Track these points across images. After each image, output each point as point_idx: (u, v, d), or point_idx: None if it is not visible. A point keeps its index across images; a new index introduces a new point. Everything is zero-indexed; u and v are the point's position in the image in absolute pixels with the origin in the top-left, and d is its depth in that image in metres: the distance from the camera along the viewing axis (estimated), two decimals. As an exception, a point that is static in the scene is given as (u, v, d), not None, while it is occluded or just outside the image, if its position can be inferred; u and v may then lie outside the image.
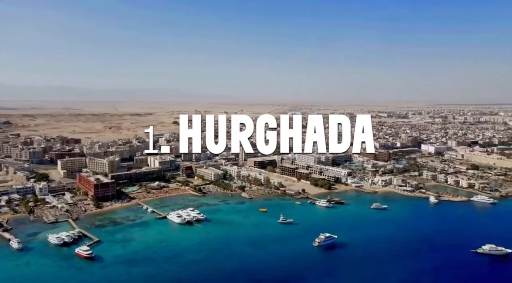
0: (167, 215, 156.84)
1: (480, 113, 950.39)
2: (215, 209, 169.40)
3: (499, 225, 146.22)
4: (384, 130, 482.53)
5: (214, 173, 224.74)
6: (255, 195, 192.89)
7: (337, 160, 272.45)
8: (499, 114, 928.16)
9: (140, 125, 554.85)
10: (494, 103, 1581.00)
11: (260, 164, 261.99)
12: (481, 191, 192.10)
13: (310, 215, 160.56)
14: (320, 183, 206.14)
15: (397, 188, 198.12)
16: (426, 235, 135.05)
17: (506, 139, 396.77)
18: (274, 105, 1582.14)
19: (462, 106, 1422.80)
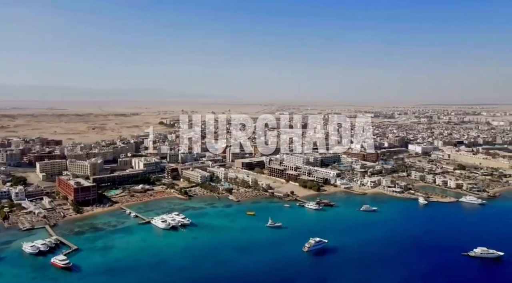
0: (151, 220, 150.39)
1: (464, 113, 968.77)
2: (201, 213, 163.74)
3: (489, 226, 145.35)
4: (371, 130, 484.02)
5: (200, 175, 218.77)
6: (242, 197, 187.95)
7: (326, 161, 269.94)
8: (482, 114, 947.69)
9: (125, 125, 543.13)
10: (476, 103, 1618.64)
11: (248, 165, 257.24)
12: (469, 192, 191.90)
13: (299, 218, 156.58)
14: (309, 185, 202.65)
15: (386, 189, 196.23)
16: (417, 238, 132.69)
17: (490, 139, 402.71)
18: (262, 105, 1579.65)
19: (446, 106, 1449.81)
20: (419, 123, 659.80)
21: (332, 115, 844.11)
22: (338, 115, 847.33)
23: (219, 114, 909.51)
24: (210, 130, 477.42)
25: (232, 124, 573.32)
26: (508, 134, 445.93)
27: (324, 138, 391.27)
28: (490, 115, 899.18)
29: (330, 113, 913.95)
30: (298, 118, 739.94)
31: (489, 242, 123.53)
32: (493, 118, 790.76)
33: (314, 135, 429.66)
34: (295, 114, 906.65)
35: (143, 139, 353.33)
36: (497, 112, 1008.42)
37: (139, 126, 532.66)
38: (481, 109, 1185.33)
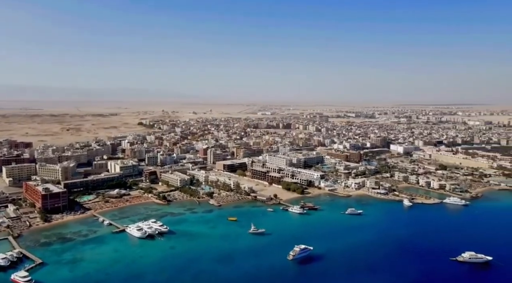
0: (126, 228, 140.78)
1: (441, 113, 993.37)
2: (180, 219, 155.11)
3: (475, 229, 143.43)
4: (353, 130, 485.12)
5: (180, 178, 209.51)
6: (224, 202, 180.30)
7: (309, 162, 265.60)
8: (458, 114, 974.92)
9: (102, 126, 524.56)
10: (452, 104, 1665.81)
11: (230, 167, 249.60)
12: (452, 192, 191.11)
13: (283, 223, 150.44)
14: (292, 187, 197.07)
15: (371, 191, 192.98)
16: (404, 242, 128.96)
17: (468, 139, 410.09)
18: (244, 105, 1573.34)
19: (424, 106, 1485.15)
20: (399, 123, 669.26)
21: (314, 115, 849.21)
22: (320, 115, 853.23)
23: (201, 114, 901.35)
24: (192, 131, 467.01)
25: (214, 124, 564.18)
26: (485, 134, 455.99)
27: (306, 139, 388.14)
28: (466, 115, 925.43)
29: (311, 113, 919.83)
30: (280, 118, 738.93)
31: (476, 245, 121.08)
32: (469, 118, 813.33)
33: (297, 136, 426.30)
34: (277, 114, 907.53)
35: (120, 141, 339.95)
36: (471, 112, 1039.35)
37: (117, 127, 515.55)
38: (457, 109, 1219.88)
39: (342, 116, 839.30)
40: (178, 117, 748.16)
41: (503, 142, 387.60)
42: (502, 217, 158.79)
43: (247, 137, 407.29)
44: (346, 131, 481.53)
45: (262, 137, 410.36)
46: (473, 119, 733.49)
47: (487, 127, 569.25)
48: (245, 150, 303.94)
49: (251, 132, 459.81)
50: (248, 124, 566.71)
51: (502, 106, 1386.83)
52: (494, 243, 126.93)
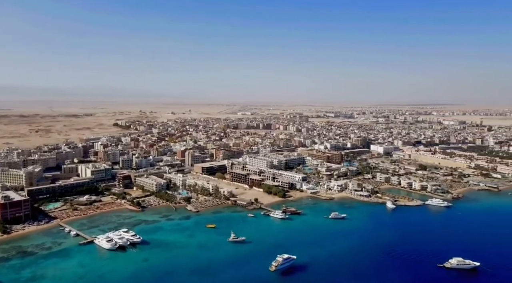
0: (94, 239, 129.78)
1: (417, 113, 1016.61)
2: (155, 228, 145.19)
3: (459, 232, 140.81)
4: (333, 131, 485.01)
5: (156, 182, 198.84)
6: (202, 207, 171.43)
7: (290, 163, 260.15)
8: (433, 114, 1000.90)
9: (75, 127, 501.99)
10: (426, 104, 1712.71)
11: (209, 170, 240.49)
12: (433, 193, 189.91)
13: (265, 230, 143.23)
14: (273, 191, 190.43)
15: (353, 194, 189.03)
16: (390, 248, 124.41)
17: (445, 138, 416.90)
18: (224, 105, 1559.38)
19: (400, 106, 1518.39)
20: (378, 122, 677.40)
21: (294, 115, 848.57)
22: (299, 115, 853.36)
23: (180, 114, 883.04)
24: (169, 132, 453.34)
25: (193, 125, 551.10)
26: (460, 133, 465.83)
27: (287, 139, 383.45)
28: (440, 115, 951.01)
29: (292, 113, 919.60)
30: (260, 118, 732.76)
31: (462, 250, 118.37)
32: (443, 118, 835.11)
33: (277, 136, 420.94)
34: (257, 114, 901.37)
35: (93, 143, 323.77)
36: (445, 112, 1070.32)
37: (91, 128, 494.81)
38: (431, 109, 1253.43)
39: (321, 116, 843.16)
40: (156, 118, 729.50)
41: (478, 142, 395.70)
42: (484, 219, 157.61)
43: (227, 138, 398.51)
44: (326, 131, 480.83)
45: (242, 138, 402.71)
46: (447, 119, 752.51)
47: (461, 127, 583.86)
48: (224, 151, 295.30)
49: (231, 133, 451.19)
50: (228, 125, 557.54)
51: (473, 106, 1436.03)
52: (480, 247, 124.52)
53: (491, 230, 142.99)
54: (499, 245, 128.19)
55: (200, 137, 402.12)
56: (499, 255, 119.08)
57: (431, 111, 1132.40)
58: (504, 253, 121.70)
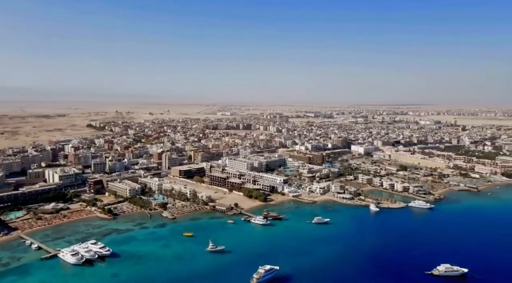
0: (58, 252, 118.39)
1: (394, 113, 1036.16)
2: (127, 237, 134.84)
3: (443, 235, 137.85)
4: (314, 131, 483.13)
5: (129, 188, 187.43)
6: (179, 213, 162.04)
7: (271, 165, 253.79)
8: (409, 114, 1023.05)
9: (45, 129, 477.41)
10: (402, 104, 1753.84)
11: (186, 173, 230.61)
12: (416, 195, 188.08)
13: (245, 238, 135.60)
14: (254, 195, 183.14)
15: (336, 196, 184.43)
16: (376, 255, 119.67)
17: (422, 138, 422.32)
18: (203, 105, 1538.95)
19: (377, 106, 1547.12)
20: (357, 122, 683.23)
21: (274, 115, 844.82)
22: (279, 115, 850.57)
23: (158, 114, 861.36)
24: (146, 133, 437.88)
25: (171, 125, 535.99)
26: (437, 133, 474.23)
27: (267, 140, 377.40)
28: (416, 115, 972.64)
29: (272, 113, 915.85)
30: (240, 118, 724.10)
31: (449, 255, 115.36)
32: (420, 117, 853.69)
33: (257, 137, 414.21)
34: (237, 115, 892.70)
35: (63, 145, 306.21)
36: (421, 112, 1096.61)
37: (62, 130, 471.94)
38: (407, 109, 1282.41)
39: (301, 116, 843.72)
40: (133, 118, 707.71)
41: (454, 141, 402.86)
42: (467, 220, 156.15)
43: (206, 139, 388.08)
44: (307, 131, 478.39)
45: (222, 138, 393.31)
46: (423, 119, 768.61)
47: (437, 127, 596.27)
48: (203, 153, 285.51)
49: (210, 134, 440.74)
50: (207, 125, 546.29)
51: (446, 106, 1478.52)
52: (466, 252, 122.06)
53: (475, 232, 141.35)
54: (484, 248, 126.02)
55: (178, 139, 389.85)
56: (486, 259, 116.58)
57: (407, 111, 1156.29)
58: (490, 256, 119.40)
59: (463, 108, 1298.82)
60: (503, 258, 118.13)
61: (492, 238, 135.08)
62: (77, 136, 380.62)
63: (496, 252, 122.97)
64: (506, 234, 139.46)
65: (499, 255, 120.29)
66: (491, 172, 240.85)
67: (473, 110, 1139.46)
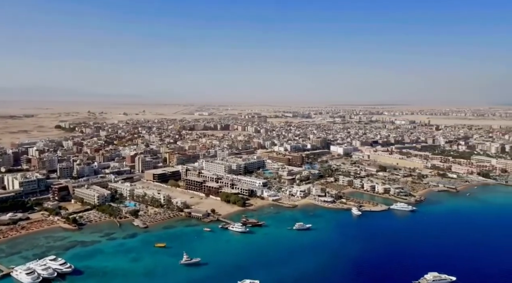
0: (11, 271, 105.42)
1: (370, 113, 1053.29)
2: (93, 251, 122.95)
3: (428, 240, 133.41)
4: (293, 131, 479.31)
5: (98, 194, 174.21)
6: (152, 221, 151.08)
7: (250, 167, 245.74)
8: (384, 114, 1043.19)
9: (9, 130, 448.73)
10: (377, 104, 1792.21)
11: (161, 177, 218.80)
12: (397, 197, 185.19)
13: (223, 248, 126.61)
14: (232, 199, 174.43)
15: (317, 199, 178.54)
16: (361, 263, 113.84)
17: (399, 138, 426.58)
18: (181, 105, 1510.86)
19: (354, 106, 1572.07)
20: (335, 122, 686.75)
21: (252, 115, 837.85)
22: (258, 115, 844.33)
23: (133, 115, 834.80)
24: (119, 134, 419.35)
25: (146, 126, 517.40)
26: (413, 133, 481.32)
27: (246, 141, 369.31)
28: (391, 115, 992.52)
29: (250, 113, 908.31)
30: (218, 119, 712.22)
31: (435, 261, 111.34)
32: (395, 117, 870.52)
33: (235, 138, 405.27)
34: (215, 115, 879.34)
35: (27, 148, 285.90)
36: (396, 112, 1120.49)
37: (28, 131, 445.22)
38: (382, 109, 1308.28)
39: (280, 116, 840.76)
40: (106, 119, 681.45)
41: (429, 141, 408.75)
42: (449, 223, 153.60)
43: (182, 140, 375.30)
44: (285, 132, 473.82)
45: (199, 140, 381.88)
46: (399, 119, 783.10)
47: (412, 127, 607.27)
48: (179, 155, 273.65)
49: (187, 135, 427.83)
50: (184, 126, 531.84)
51: (419, 106, 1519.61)
52: (452, 257, 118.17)
53: (459, 235, 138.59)
54: (470, 253, 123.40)
55: (153, 140, 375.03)
56: (473, 265, 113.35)
57: (382, 111, 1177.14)
58: (477, 261, 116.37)
59: (435, 108, 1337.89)
60: (490, 262, 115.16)
61: (477, 241, 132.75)
62: (43, 138, 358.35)
63: (482, 256, 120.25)
64: (489, 236, 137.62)
65: (485, 260, 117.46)
66: (468, 172, 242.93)
67: (444, 110, 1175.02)
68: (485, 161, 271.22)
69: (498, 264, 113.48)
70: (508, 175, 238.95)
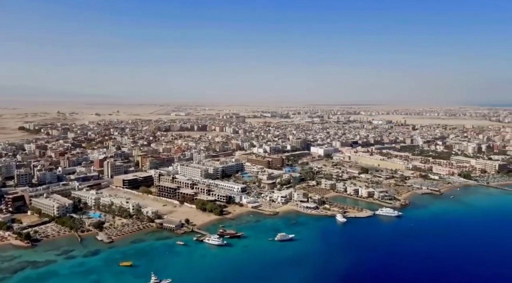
0: None
1: (347, 113, 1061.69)
2: (45, 273, 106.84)
3: (418, 251, 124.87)
4: (272, 132, 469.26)
5: (58, 204, 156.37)
6: (118, 235, 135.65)
7: (228, 171, 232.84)
8: (361, 114, 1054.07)
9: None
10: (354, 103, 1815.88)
11: (132, 183, 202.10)
12: (381, 201, 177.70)
13: (198, 265, 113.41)
14: (209, 207, 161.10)
15: (300, 206, 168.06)
16: (349, 277, 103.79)
17: (379, 138, 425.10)
18: (157, 106, 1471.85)
19: (331, 106, 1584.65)
20: (313, 122, 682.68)
21: (230, 115, 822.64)
22: (236, 115, 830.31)
23: (106, 115, 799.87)
24: (89, 136, 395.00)
25: (118, 128, 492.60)
26: (391, 133, 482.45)
27: (224, 142, 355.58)
28: (368, 115, 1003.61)
29: (228, 113, 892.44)
30: (195, 119, 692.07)
31: (426, 274, 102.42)
32: (372, 117, 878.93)
33: (213, 139, 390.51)
34: (192, 115, 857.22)
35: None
36: (372, 112, 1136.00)
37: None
38: (359, 109, 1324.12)
39: (258, 116, 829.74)
40: (76, 120, 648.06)
41: (408, 141, 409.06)
42: (438, 230, 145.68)
43: (157, 142, 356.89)
44: (264, 132, 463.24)
45: (174, 141, 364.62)
46: (376, 119, 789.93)
47: (389, 126, 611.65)
48: (152, 159, 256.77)
49: (162, 136, 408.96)
50: (159, 127, 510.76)
51: (395, 106, 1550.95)
52: (446, 271, 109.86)
53: (449, 244, 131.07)
54: (465, 265, 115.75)
55: (125, 142, 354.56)
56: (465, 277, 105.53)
57: (359, 111, 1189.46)
58: (471, 272, 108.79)
59: (409, 108, 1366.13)
60: (486, 271, 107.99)
61: (467, 249, 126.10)
62: (2, 141, 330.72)
63: (474, 266, 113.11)
64: (479, 243, 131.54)
65: (479, 269, 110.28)
66: (449, 173, 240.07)
67: (418, 110, 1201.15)
68: (464, 162, 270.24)
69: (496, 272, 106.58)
70: (488, 176, 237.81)
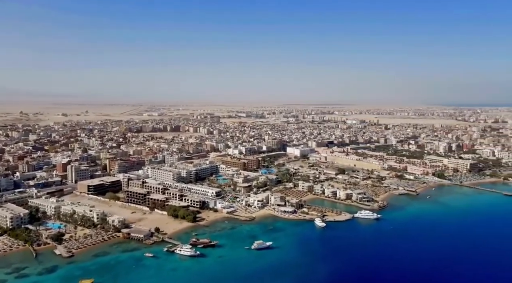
0: None
1: (322, 112, 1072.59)
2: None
3: (398, 256, 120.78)
4: (247, 132, 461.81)
5: (11, 214, 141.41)
6: (79, 248, 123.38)
7: (201, 174, 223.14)
8: (335, 113, 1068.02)
9: None
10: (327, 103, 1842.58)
11: (97, 188, 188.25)
12: (359, 203, 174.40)
13: (168, 279, 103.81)
14: (181, 214, 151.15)
15: (277, 210, 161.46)
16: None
17: (353, 138, 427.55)
18: (129, 106, 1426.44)
19: (305, 106, 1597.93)
20: (289, 122, 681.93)
21: (204, 115, 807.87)
22: (211, 115, 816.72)
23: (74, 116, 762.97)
24: (53, 138, 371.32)
25: (86, 129, 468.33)
26: (365, 133, 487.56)
27: (197, 143, 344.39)
28: (342, 114, 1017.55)
29: (202, 114, 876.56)
30: (168, 119, 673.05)
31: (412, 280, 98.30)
32: (346, 117, 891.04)
33: (186, 140, 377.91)
34: (165, 115, 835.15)
35: None
36: (345, 112, 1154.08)
37: None
38: (333, 108, 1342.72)
39: (233, 116, 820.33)
40: (40, 120, 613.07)
41: (381, 141, 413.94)
42: (416, 232, 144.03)
43: (127, 144, 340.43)
44: (239, 133, 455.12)
45: (146, 143, 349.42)
46: (349, 118, 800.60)
47: (362, 126, 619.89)
48: (121, 162, 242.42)
49: (133, 138, 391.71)
50: (130, 128, 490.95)
51: (366, 106, 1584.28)
52: (427, 273, 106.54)
53: (427, 246, 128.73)
54: (441, 265, 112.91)
55: (92, 144, 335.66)
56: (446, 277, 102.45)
57: (333, 110, 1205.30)
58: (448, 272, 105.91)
59: (380, 108, 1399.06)
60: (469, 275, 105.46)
61: (449, 253, 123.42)
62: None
63: (459, 269, 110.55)
64: (459, 245, 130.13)
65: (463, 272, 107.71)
66: (424, 173, 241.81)
67: (389, 110, 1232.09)
68: (437, 161, 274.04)
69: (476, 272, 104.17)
70: (461, 175, 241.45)
